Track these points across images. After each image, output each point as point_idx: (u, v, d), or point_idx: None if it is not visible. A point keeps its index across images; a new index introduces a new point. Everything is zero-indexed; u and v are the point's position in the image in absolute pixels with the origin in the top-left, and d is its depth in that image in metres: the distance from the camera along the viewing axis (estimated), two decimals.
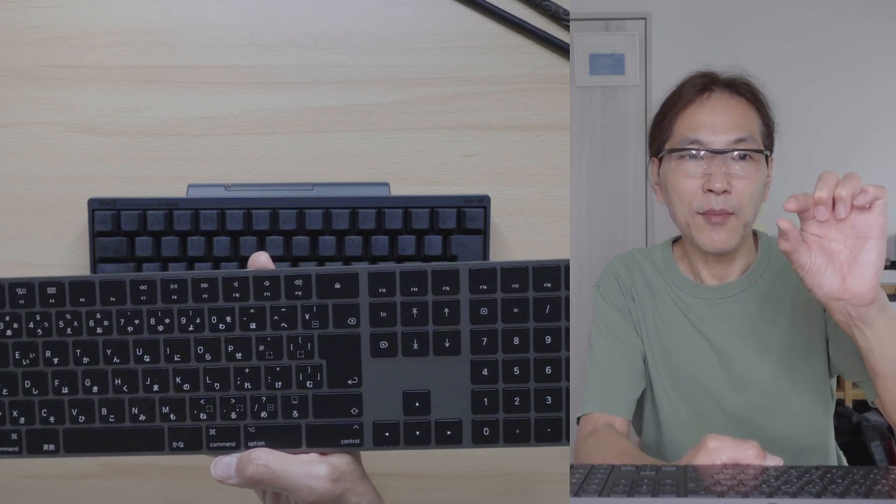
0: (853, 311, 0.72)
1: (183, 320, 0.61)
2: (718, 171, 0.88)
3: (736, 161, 0.89)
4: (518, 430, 0.61)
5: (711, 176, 0.88)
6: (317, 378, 0.61)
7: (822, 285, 0.72)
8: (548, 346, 0.61)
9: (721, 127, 0.89)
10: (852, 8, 2.77)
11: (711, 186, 0.88)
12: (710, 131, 0.89)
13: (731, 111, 0.91)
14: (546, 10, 0.89)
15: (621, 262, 1.01)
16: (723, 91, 0.92)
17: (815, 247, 0.71)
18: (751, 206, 0.90)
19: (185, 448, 0.62)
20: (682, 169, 0.90)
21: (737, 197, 0.89)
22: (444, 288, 0.60)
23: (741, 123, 0.90)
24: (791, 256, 0.71)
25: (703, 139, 0.89)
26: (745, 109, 0.91)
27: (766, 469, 0.64)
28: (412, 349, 0.61)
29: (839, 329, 0.89)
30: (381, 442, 0.61)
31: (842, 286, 0.71)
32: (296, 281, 0.61)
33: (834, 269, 0.71)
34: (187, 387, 0.61)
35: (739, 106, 0.91)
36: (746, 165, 0.89)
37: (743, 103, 0.92)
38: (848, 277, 0.71)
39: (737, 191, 0.89)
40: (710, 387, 0.94)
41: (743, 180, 0.89)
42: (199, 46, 0.87)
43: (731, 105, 0.91)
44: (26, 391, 0.62)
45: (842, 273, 0.71)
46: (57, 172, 0.86)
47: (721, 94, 0.92)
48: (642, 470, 0.64)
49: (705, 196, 0.89)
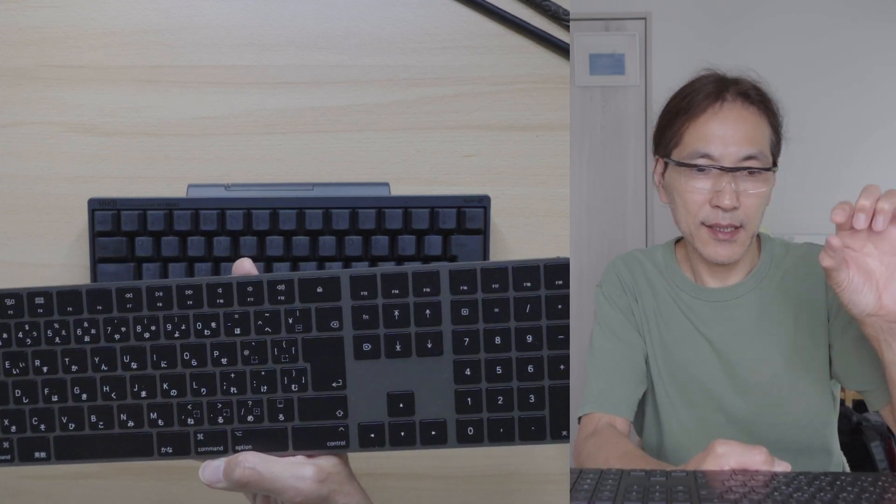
0: (885, 325, 0.73)
1: (169, 327, 0.62)
2: (728, 187, 0.87)
3: (746, 177, 0.88)
4: (502, 428, 0.61)
5: (720, 193, 0.87)
6: (301, 381, 0.62)
7: (859, 303, 0.73)
8: (529, 344, 0.61)
9: (732, 140, 0.88)
10: (852, 8, 2.77)
11: (720, 203, 0.87)
12: (721, 145, 0.88)
13: (744, 123, 0.89)
14: (546, 10, 0.89)
15: (623, 263, 1.01)
16: (735, 100, 0.90)
17: (853, 264, 0.72)
18: (758, 217, 0.90)
19: (174, 453, 0.62)
20: (691, 182, 0.89)
21: (745, 212, 0.88)
22: (424, 289, 0.61)
23: (752, 137, 0.88)
24: (830, 273, 0.72)
25: (714, 153, 0.88)
26: (756, 120, 0.90)
27: (775, 475, 0.64)
28: (395, 351, 0.61)
29: (843, 338, 0.89)
30: (366, 443, 0.62)
31: (878, 303, 0.72)
32: (278, 286, 0.61)
33: (871, 286, 0.72)
34: (174, 392, 0.62)
35: (752, 117, 0.90)
36: (756, 181, 0.88)
37: (755, 114, 0.90)
38: (884, 294, 0.72)
39: (745, 206, 0.88)
40: (711, 388, 0.94)
41: (752, 197, 0.88)
42: (199, 46, 0.87)
43: (744, 116, 0.89)
44: (17, 400, 0.63)
45: (878, 290, 0.72)
46: (57, 172, 0.86)
47: (734, 103, 0.90)
48: (652, 476, 0.64)
49: (713, 211, 0.88)
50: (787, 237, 0.95)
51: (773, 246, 0.97)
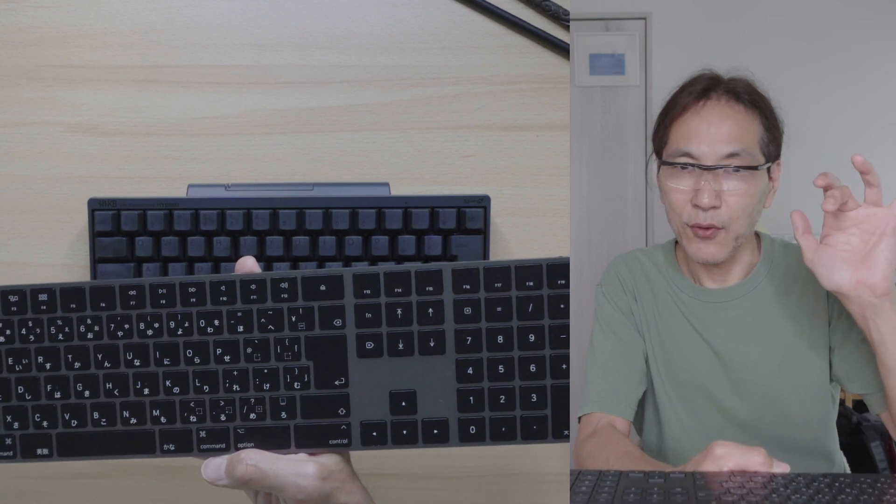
0: (870, 300, 0.76)
1: (172, 324, 0.62)
2: (707, 186, 0.86)
3: (729, 175, 0.86)
4: (504, 427, 0.62)
5: (699, 191, 0.86)
6: (304, 379, 0.62)
7: (834, 278, 0.77)
8: (531, 344, 0.61)
9: (714, 138, 0.87)
10: (852, 8, 2.77)
11: (698, 202, 0.86)
12: (702, 142, 0.87)
13: (727, 121, 0.87)
14: (546, 10, 0.89)
15: (623, 262, 1.01)
16: (720, 98, 0.89)
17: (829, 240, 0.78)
18: (743, 219, 0.88)
19: (176, 450, 0.62)
20: (675, 181, 0.89)
21: (727, 212, 0.87)
22: (427, 288, 0.61)
23: (736, 134, 0.87)
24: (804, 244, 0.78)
25: (695, 152, 0.87)
26: (742, 118, 0.88)
27: (773, 477, 0.64)
28: (398, 349, 0.61)
29: (845, 341, 0.89)
30: (368, 442, 0.62)
31: (853, 278, 0.76)
32: (281, 284, 0.61)
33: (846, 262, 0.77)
34: (177, 390, 0.62)
35: (736, 115, 0.88)
36: (740, 180, 0.87)
37: (741, 111, 0.88)
38: (861, 269, 0.76)
39: (728, 205, 0.87)
40: (710, 389, 0.94)
41: (735, 196, 0.86)
42: (199, 46, 0.87)
43: (728, 114, 0.88)
44: (20, 396, 0.63)
45: (854, 266, 0.76)
46: (57, 172, 0.86)
47: (718, 101, 0.89)
48: (650, 477, 0.64)
49: (694, 210, 0.87)
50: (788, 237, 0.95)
51: (773, 247, 0.96)
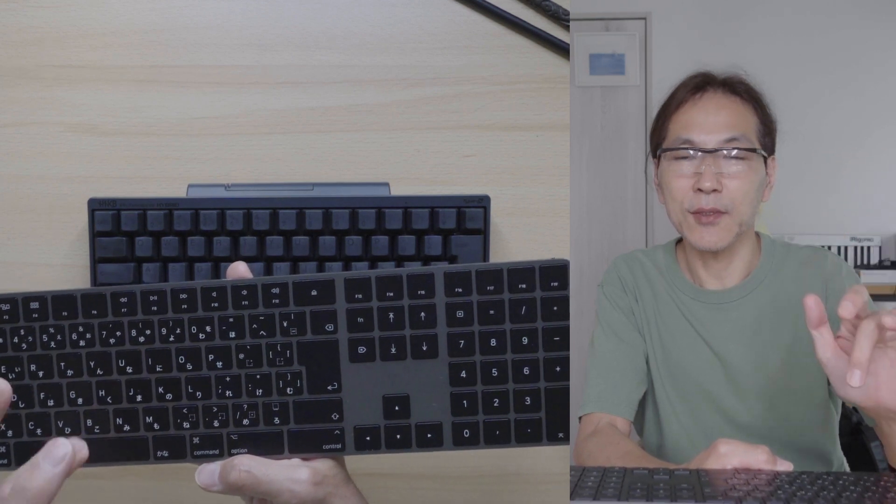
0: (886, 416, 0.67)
1: (163, 331, 0.62)
2: (709, 170, 0.88)
3: (729, 160, 0.89)
4: (498, 431, 0.61)
5: (701, 175, 0.89)
6: (297, 385, 0.61)
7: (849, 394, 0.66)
8: (525, 346, 0.61)
9: (713, 126, 0.89)
10: (852, 8, 2.77)
11: (701, 185, 0.88)
12: (701, 130, 0.90)
13: (724, 110, 0.91)
14: (546, 10, 0.89)
15: (624, 263, 1.01)
16: (716, 90, 0.92)
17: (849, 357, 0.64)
18: (745, 204, 0.90)
19: (170, 457, 0.62)
20: (675, 168, 0.91)
21: (729, 196, 0.89)
22: (419, 292, 0.61)
23: (734, 122, 0.90)
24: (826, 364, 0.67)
25: (695, 139, 0.90)
26: (739, 108, 0.91)
27: (777, 474, 0.64)
28: (390, 353, 0.61)
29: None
30: (362, 446, 0.62)
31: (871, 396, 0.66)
32: (273, 289, 0.61)
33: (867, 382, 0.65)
34: (170, 396, 0.62)
35: (733, 105, 0.91)
36: (740, 164, 0.89)
37: (737, 102, 0.92)
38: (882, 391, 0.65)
39: (729, 190, 0.89)
40: (710, 390, 0.94)
41: (735, 179, 0.89)
42: (199, 46, 0.87)
43: (724, 104, 0.91)
44: (13, 405, 0.62)
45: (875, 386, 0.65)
46: (57, 172, 0.86)
47: (714, 93, 0.92)
48: (655, 474, 0.64)
49: (696, 195, 0.89)
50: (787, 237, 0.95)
51: (774, 248, 0.97)
